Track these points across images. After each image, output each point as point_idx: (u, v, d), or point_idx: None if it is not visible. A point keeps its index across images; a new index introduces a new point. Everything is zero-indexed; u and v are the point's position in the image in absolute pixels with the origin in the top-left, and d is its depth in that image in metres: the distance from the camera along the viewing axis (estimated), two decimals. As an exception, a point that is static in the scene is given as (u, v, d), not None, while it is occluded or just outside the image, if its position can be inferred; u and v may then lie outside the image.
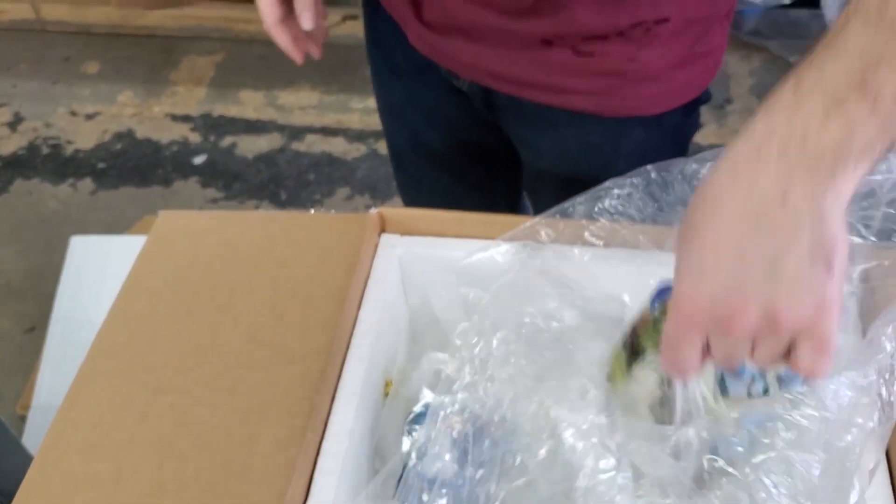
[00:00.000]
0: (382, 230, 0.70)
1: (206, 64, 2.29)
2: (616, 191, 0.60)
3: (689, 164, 0.57)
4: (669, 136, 0.87)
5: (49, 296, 1.45)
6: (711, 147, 1.95)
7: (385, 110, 1.06)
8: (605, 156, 0.85)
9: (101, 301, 0.69)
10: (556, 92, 0.80)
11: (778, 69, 2.11)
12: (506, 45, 0.79)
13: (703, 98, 0.85)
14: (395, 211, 0.70)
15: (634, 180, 0.59)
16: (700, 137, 1.99)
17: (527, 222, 0.64)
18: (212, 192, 1.97)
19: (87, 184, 2.01)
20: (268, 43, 0.74)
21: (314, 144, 2.07)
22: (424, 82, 0.91)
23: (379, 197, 1.94)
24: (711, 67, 0.83)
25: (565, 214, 0.62)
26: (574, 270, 0.61)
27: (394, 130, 1.07)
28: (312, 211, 1.91)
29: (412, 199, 1.17)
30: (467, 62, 0.84)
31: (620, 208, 0.60)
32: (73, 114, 2.19)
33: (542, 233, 0.63)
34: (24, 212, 1.95)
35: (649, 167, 0.58)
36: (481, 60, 0.82)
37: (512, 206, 1.11)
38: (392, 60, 0.96)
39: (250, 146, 2.07)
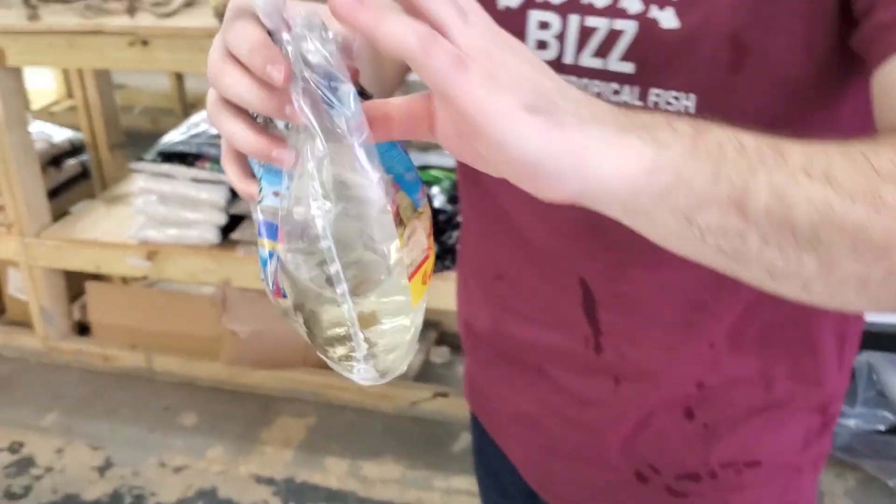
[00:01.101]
0: None
1: (298, 426, 2.36)
2: None
3: None
4: None
5: None
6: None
7: None
8: None
9: None
10: None
11: (875, 490, 2.04)
12: (604, 487, 0.79)
13: None
14: None
15: None
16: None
17: None
18: (284, 565, 1.92)
19: (162, 541, 1.99)
20: (358, 411, 0.75)
21: (392, 521, 2.04)
22: None
23: (454, 589, 1.86)
24: None
25: None
26: None
27: None
28: None
29: None
30: (568, 497, 0.84)
31: None
32: (163, 465, 2.23)
33: None
34: (95, 566, 1.93)
35: None
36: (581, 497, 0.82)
37: None
38: (500, 484, 0.98)
39: (329, 518, 2.05)
